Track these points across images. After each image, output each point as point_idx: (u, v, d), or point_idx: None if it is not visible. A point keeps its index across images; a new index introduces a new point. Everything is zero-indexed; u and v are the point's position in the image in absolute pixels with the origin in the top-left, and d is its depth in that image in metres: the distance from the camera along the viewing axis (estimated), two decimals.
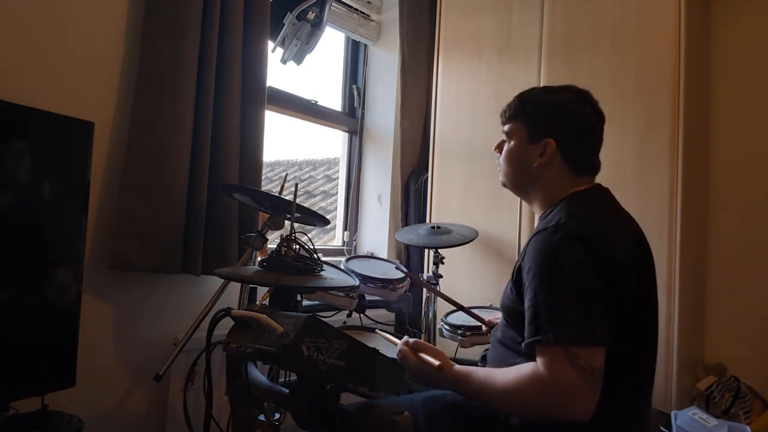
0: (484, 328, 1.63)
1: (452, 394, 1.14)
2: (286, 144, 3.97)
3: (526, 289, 1.04)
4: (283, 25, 2.16)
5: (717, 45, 2.19)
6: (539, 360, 0.97)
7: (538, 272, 1.02)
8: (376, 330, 1.43)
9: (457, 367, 1.09)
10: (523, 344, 1.02)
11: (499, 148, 1.29)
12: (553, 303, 0.98)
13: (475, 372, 1.07)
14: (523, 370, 0.99)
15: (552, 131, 1.18)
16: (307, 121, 2.60)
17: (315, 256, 1.33)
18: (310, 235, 1.39)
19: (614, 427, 1.04)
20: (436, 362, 1.08)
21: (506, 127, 1.26)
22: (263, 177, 1.98)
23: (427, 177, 2.54)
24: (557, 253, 1.02)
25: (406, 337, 1.17)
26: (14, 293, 1.23)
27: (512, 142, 1.24)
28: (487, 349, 1.41)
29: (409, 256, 2.72)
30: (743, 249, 2.08)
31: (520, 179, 1.25)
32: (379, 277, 1.96)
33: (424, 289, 2.15)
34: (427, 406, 1.17)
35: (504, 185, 1.30)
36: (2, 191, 1.22)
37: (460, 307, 1.68)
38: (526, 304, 1.03)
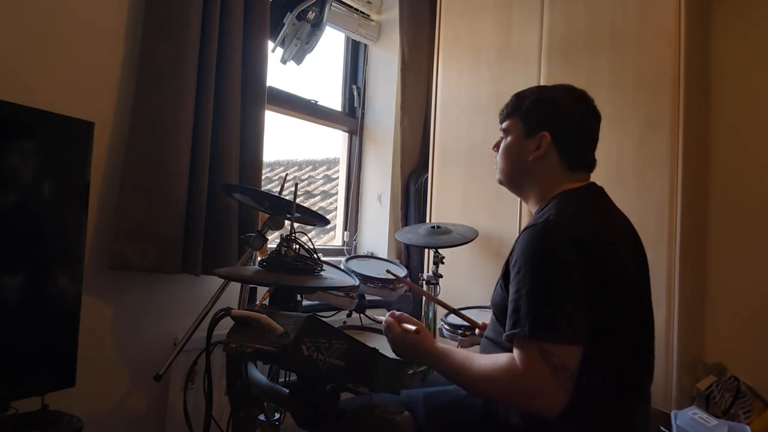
0: (477, 331, 1.63)
1: (452, 391, 1.15)
2: (286, 144, 3.97)
3: (511, 282, 1.05)
4: (283, 25, 2.16)
5: (717, 45, 2.19)
6: (515, 353, 0.99)
7: (523, 267, 1.02)
8: (369, 315, 1.43)
9: (439, 344, 1.12)
10: (503, 336, 1.03)
11: (497, 146, 1.30)
12: (534, 298, 0.99)
13: (455, 352, 1.09)
14: (499, 360, 1.01)
15: (547, 125, 1.20)
16: (307, 121, 2.60)
17: (315, 256, 1.32)
18: (310, 235, 1.39)
19: (609, 424, 1.04)
20: (413, 327, 1.13)
21: (504, 125, 1.28)
22: (263, 177, 1.98)
23: (427, 177, 2.54)
24: (543, 249, 1.03)
25: (392, 311, 1.21)
26: (14, 293, 1.23)
27: (509, 138, 1.26)
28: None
29: (409, 256, 2.72)
30: (743, 249, 2.08)
31: (516, 174, 1.26)
32: (379, 277, 1.96)
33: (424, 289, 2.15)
34: (427, 402, 1.18)
35: (501, 182, 1.31)
36: (2, 191, 1.22)
37: (452, 310, 1.69)
38: (510, 298, 1.04)
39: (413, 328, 1.14)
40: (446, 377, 1.10)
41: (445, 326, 1.88)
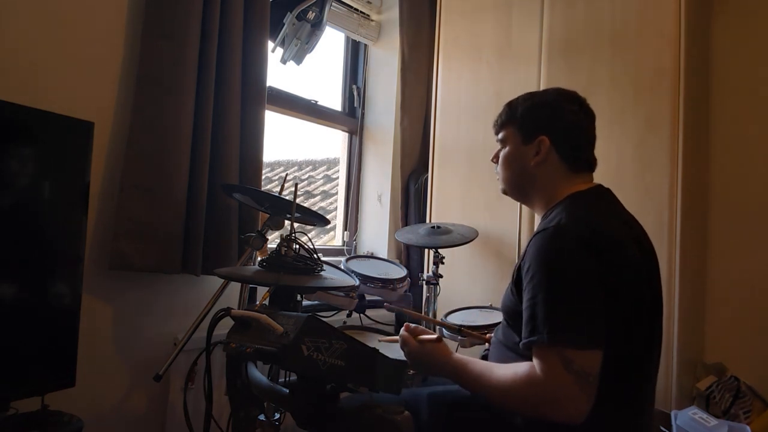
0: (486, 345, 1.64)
1: (456, 390, 1.15)
2: (286, 144, 3.97)
3: (525, 289, 1.04)
4: (283, 25, 2.16)
5: (717, 45, 2.19)
6: (535, 361, 0.98)
7: (537, 273, 1.02)
8: (379, 339, 1.44)
9: (456, 355, 1.12)
10: (520, 344, 1.03)
11: (496, 157, 1.30)
12: (550, 304, 0.98)
13: (473, 363, 1.09)
14: (519, 369, 1.00)
15: (544, 128, 1.20)
16: (307, 121, 2.60)
17: (315, 256, 1.32)
18: (310, 235, 1.39)
19: (615, 428, 1.04)
20: (435, 335, 1.13)
21: (500, 135, 1.29)
22: (263, 177, 1.98)
23: (427, 177, 2.54)
24: (556, 254, 1.02)
25: (407, 324, 1.20)
26: (14, 293, 1.23)
27: (507, 148, 1.26)
28: (488, 350, 1.41)
29: (409, 256, 2.72)
30: (743, 249, 2.08)
31: (519, 182, 1.26)
32: (379, 277, 1.96)
33: (424, 289, 2.15)
34: (431, 402, 1.17)
35: (504, 192, 1.32)
36: (2, 191, 1.22)
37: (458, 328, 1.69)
38: (524, 305, 1.03)
39: (433, 336, 1.13)
40: (465, 388, 1.09)
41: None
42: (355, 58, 2.92)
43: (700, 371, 2.00)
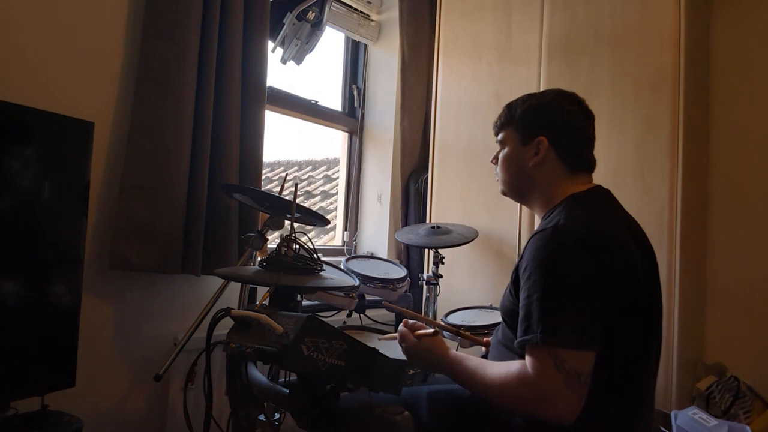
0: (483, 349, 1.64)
1: (457, 389, 1.15)
2: (286, 144, 3.97)
3: (522, 288, 1.05)
4: (283, 25, 2.17)
5: (717, 45, 2.19)
6: (527, 360, 0.98)
7: (533, 272, 1.02)
8: (379, 338, 1.44)
9: (452, 351, 1.12)
10: (515, 343, 1.03)
11: (496, 158, 1.30)
12: (545, 304, 0.98)
13: (469, 359, 1.09)
14: (511, 367, 1.00)
15: (543, 129, 1.20)
16: (307, 121, 2.60)
17: (315, 256, 1.33)
18: (310, 235, 1.39)
19: (614, 428, 1.04)
20: (431, 330, 1.14)
21: (499, 136, 1.29)
22: (263, 177, 1.98)
23: (427, 177, 2.54)
24: (554, 254, 1.02)
25: (405, 320, 1.21)
26: (14, 293, 1.23)
27: (506, 149, 1.26)
28: (488, 350, 1.41)
29: (409, 256, 2.72)
30: (743, 249, 2.08)
31: (518, 183, 1.26)
32: (379, 277, 1.96)
33: (424, 289, 2.15)
34: (431, 400, 1.18)
35: (504, 193, 1.32)
36: (2, 191, 1.22)
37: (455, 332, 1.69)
38: (520, 303, 1.03)
39: (430, 330, 1.14)
40: (460, 384, 1.10)
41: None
42: (355, 58, 2.92)
43: (700, 371, 2.00)
